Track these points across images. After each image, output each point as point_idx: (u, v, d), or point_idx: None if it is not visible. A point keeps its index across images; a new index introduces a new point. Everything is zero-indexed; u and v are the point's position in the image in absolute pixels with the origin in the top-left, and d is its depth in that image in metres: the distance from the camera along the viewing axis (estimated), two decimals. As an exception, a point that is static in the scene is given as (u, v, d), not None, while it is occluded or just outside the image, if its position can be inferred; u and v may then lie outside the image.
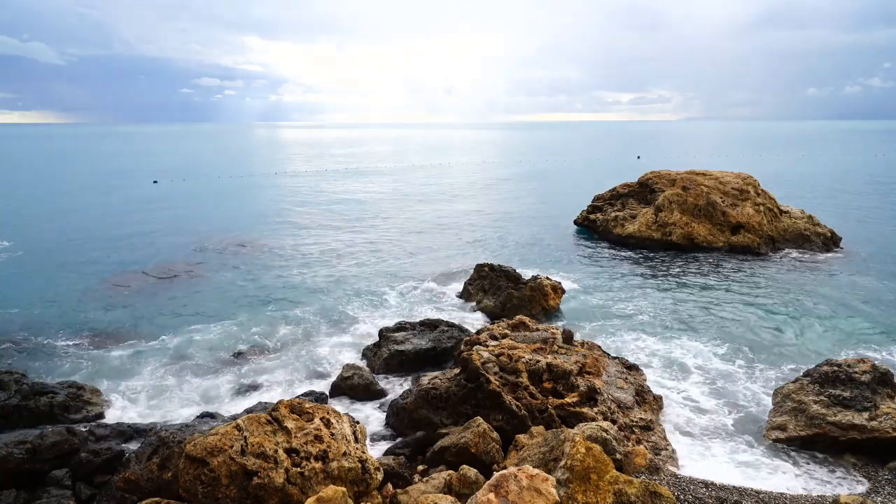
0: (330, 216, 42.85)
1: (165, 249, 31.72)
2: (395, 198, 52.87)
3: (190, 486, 8.28)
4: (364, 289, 24.51)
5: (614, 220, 32.99)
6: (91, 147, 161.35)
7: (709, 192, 30.92)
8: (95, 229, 37.61)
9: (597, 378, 13.23)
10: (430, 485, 9.11)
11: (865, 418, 11.67)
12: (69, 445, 11.47)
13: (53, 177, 74.32)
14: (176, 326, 20.14)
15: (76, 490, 10.56)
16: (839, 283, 23.94)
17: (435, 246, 32.67)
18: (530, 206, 46.80)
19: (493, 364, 12.79)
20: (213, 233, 36.11)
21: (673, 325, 19.62)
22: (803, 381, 13.11)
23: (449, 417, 12.37)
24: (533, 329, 15.68)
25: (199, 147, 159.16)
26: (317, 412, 9.46)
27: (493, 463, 10.45)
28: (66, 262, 29.19)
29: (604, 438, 9.78)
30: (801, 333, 18.80)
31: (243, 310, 21.83)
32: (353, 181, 67.54)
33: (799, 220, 31.65)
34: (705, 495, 9.09)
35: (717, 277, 25.17)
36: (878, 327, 19.20)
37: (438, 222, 40.10)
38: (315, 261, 29.41)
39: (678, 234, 29.93)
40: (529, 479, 7.39)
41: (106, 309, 22.11)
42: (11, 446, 11.07)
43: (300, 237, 35.12)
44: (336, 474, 8.65)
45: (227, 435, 8.58)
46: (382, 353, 16.82)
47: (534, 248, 31.94)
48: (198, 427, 11.01)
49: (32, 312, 21.56)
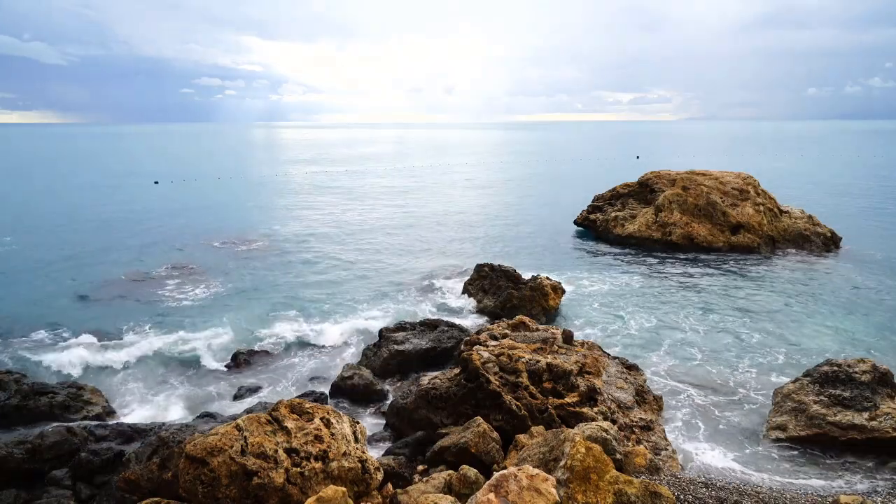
0: (330, 216, 42.85)
1: (166, 249, 31.73)
2: (394, 198, 52.85)
3: (190, 486, 8.28)
4: (364, 289, 24.51)
5: (614, 220, 32.99)
6: (91, 147, 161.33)
7: (709, 192, 30.92)
8: (96, 229, 37.61)
9: (597, 378, 13.22)
10: (430, 485, 9.10)
11: (865, 418, 11.67)
12: (69, 445, 11.48)
13: (53, 177, 74.31)
14: (176, 326, 20.14)
15: (76, 490, 10.56)
16: (839, 283, 23.94)
17: (435, 246, 32.67)
18: (530, 206, 46.80)
19: (493, 364, 12.79)
20: (213, 233, 36.11)
21: (673, 325, 19.62)
22: (803, 380, 13.12)
23: (449, 417, 12.37)
24: (533, 329, 15.67)
25: (199, 147, 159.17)
26: (317, 412, 9.46)
27: (493, 463, 10.45)
28: (66, 261, 29.19)
29: (604, 438, 9.78)
30: (801, 333, 18.80)
31: (243, 309, 21.83)
32: (353, 181, 67.54)
33: (799, 220, 31.64)
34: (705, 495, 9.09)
35: (717, 277, 25.17)
36: (878, 327, 19.20)
37: (438, 222, 40.10)
38: (315, 261, 29.41)
39: (678, 234, 29.93)
40: (529, 479, 7.38)
41: (106, 308, 22.12)
42: (11, 446, 11.09)
43: (300, 237, 35.12)
44: (336, 474, 8.65)
45: (227, 435, 8.57)
46: (382, 353, 16.82)
47: (534, 248, 31.94)
48: (198, 427, 11.01)
49: (32, 312, 21.57)
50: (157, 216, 42.42)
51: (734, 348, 17.63)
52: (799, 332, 18.85)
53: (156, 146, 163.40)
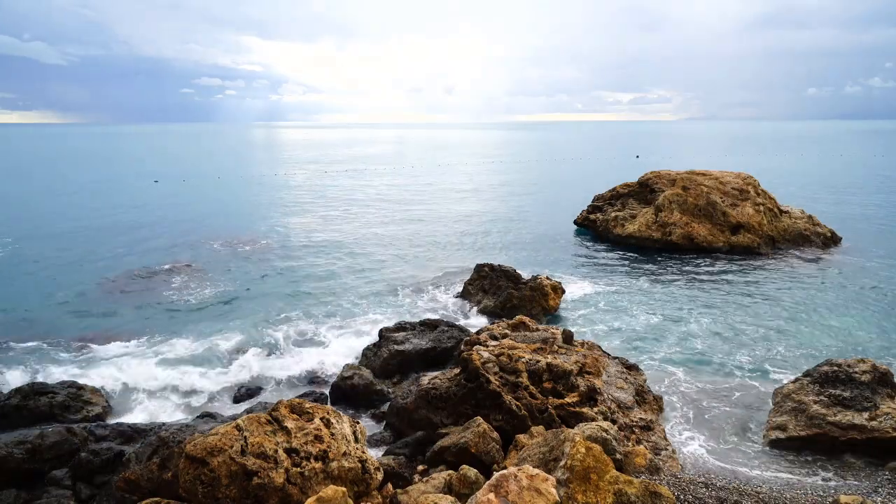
0: (330, 216, 42.85)
1: (166, 249, 31.73)
2: (394, 198, 52.84)
3: (190, 486, 8.28)
4: (364, 289, 24.51)
5: (614, 220, 32.99)
6: (91, 147, 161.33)
7: (709, 192, 30.92)
8: (96, 229, 37.61)
9: (597, 378, 13.22)
10: (430, 485, 9.10)
11: (865, 418, 11.67)
12: (69, 445, 11.48)
13: (53, 176, 74.31)
14: (176, 326, 20.15)
15: (76, 490, 10.56)
16: (839, 284, 23.93)
17: (435, 246, 32.67)
18: (530, 206, 46.79)
19: (493, 364, 12.79)
20: (213, 233, 36.12)
21: (673, 325, 19.62)
22: (803, 380, 13.11)
23: (449, 417, 12.37)
24: (533, 329, 15.67)
25: (199, 147, 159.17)
26: (317, 412, 9.46)
27: (493, 463, 10.45)
28: (66, 261, 29.20)
29: (604, 438, 9.78)
30: (800, 333, 18.80)
31: (244, 309, 21.84)
32: (353, 181, 67.53)
33: (799, 220, 31.64)
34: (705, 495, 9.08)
35: (717, 277, 25.17)
36: (878, 327, 19.20)
37: (438, 222, 40.09)
38: (315, 261, 29.41)
39: (678, 234, 29.92)
40: (529, 479, 7.38)
41: (106, 308, 22.13)
42: (11, 446, 11.09)
43: (300, 237, 35.12)
44: (336, 474, 8.65)
45: (227, 435, 8.57)
46: (382, 354, 16.82)
47: (534, 247, 31.94)
48: (198, 427, 11.00)
49: (32, 312, 21.58)
50: (158, 216, 42.42)
51: (734, 348, 17.62)
52: (799, 332, 18.85)
53: (156, 146, 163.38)
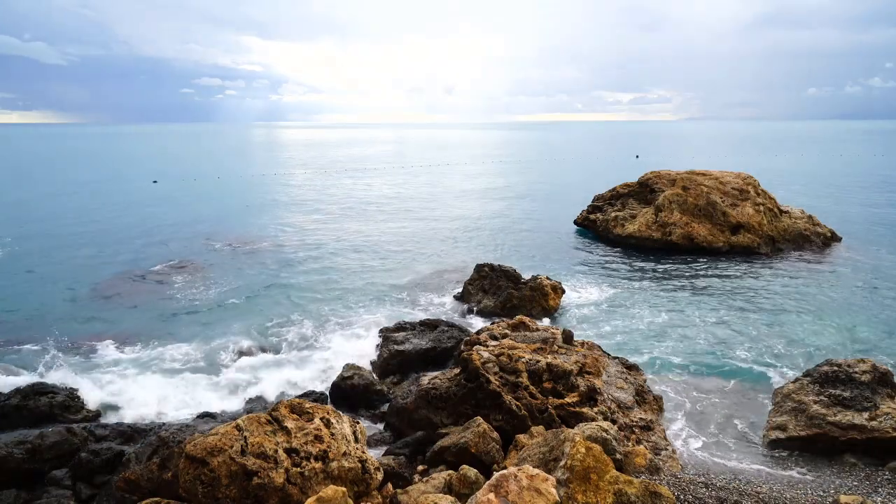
0: (330, 216, 42.84)
1: (165, 249, 31.73)
2: (394, 198, 52.84)
3: (190, 486, 8.28)
4: (364, 288, 24.51)
5: (614, 220, 32.99)
6: (91, 147, 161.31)
7: (709, 192, 30.91)
8: (95, 229, 37.61)
9: (597, 378, 13.22)
10: (430, 485, 9.10)
11: (865, 418, 11.67)
12: (69, 445, 11.49)
13: (53, 176, 74.30)
14: (176, 326, 20.15)
15: (76, 490, 10.57)
16: (839, 283, 23.93)
17: (435, 246, 32.67)
18: (530, 206, 46.79)
19: (493, 364, 12.79)
20: (213, 233, 36.11)
21: (673, 325, 19.62)
22: (803, 380, 13.11)
23: (449, 417, 12.37)
24: (533, 329, 15.67)
25: (199, 147, 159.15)
26: (317, 412, 9.46)
27: (493, 463, 10.45)
28: (65, 261, 29.20)
29: (604, 438, 9.78)
30: (800, 333, 18.79)
31: (243, 309, 21.83)
32: (353, 181, 67.52)
33: (799, 220, 31.64)
34: (705, 495, 9.08)
35: (717, 277, 25.17)
36: (878, 327, 19.19)
37: (438, 222, 40.09)
38: (315, 261, 29.41)
39: (678, 234, 29.92)
40: (529, 479, 7.38)
41: (106, 308, 22.12)
42: (11, 446, 11.09)
43: (300, 237, 35.12)
44: (336, 474, 8.65)
45: (227, 435, 8.57)
46: (382, 353, 16.82)
47: (534, 247, 31.94)
48: (198, 427, 11.01)
49: (32, 312, 21.57)
50: (157, 216, 42.42)
51: (734, 348, 17.62)
52: (799, 332, 18.85)
53: (156, 146, 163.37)
